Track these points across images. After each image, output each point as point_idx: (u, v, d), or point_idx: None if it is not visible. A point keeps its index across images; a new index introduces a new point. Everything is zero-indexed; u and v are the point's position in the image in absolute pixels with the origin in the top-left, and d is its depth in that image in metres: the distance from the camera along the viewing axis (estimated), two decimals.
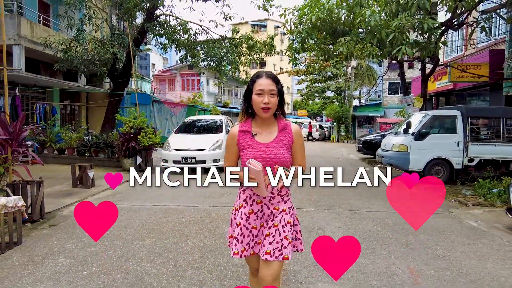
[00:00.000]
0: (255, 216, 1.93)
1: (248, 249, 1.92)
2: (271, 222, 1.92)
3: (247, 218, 1.93)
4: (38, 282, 2.99)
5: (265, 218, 1.94)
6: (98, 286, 2.93)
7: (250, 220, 1.93)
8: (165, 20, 12.38)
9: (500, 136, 8.62)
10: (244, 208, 1.95)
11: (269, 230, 1.90)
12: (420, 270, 3.37)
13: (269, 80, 1.86)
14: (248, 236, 1.92)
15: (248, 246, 1.92)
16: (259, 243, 1.93)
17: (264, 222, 1.94)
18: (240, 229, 1.93)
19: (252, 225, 1.93)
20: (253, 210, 1.93)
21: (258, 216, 1.94)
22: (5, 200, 3.72)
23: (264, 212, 1.94)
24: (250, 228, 1.93)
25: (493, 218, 5.48)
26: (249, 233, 1.93)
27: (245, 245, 1.92)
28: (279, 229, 1.89)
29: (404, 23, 6.38)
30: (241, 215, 1.94)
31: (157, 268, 3.27)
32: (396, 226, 4.80)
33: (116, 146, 9.69)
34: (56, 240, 4.05)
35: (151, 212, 5.25)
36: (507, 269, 3.47)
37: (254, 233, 1.93)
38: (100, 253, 3.65)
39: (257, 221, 1.94)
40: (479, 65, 12.09)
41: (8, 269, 3.26)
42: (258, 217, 1.94)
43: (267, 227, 1.92)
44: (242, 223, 1.93)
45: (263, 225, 1.94)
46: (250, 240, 1.93)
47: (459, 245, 4.13)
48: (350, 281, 3.10)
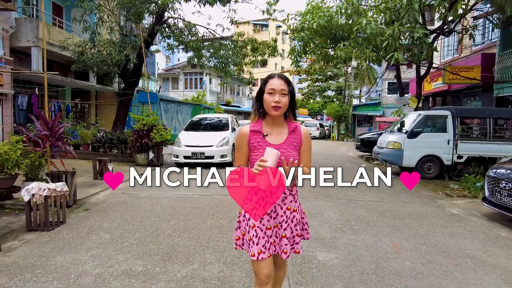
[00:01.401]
0: (268, 217, 1.94)
1: (265, 251, 1.91)
2: (286, 224, 1.96)
3: (261, 219, 1.93)
4: (89, 250, 3.69)
5: (278, 219, 1.96)
6: (138, 253, 3.63)
7: (264, 221, 1.94)
8: (174, 23, 13.04)
9: (487, 134, 9.30)
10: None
11: (284, 231, 1.95)
12: (401, 245, 4.06)
13: (281, 81, 1.89)
14: (263, 238, 1.92)
15: (264, 248, 1.91)
16: (273, 243, 1.95)
17: (278, 224, 1.96)
18: (255, 231, 1.93)
19: (266, 226, 1.94)
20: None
21: (272, 216, 1.95)
22: (54, 186, 4.42)
23: (277, 212, 1.95)
24: (265, 229, 1.93)
25: (472, 207, 6.17)
26: (263, 235, 1.93)
27: (261, 247, 1.91)
28: (291, 228, 1.98)
29: (396, 32, 7.05)
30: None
31: (184, 241, 3.97)
32: (385, 213, 5.49)
33: (130, 142, 10.39)
34: (93, 221, 4.74)
35: (170, 200, 5.95)
36: (474, 244, 4.16)
37: (268, 233, 1.94)
38: (133, 231, 4.34)
39: (271, 221, 1.95)
40: (472, 68, 12.73)
41: (62, 241, 3.95)
42: (272, 217, 1.95)
43: (282, 229, 1.96)
44: (256, 224, 1.93)
45: (277, 226, 1.96)
46: (266, 242, 1.93)
47: (438, 227, 4.82)
48: (343, 251, 3.79)
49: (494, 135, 9.37)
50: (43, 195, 4.27)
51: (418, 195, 7.06)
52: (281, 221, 1.95)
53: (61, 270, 3.18)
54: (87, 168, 8.39)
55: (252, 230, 1.93)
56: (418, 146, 9.40)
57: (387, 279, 3.14)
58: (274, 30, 42.86)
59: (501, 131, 9.85)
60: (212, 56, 13.32)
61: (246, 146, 1.94)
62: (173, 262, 3.40)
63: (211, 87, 33.91)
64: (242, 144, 1.95)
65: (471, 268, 3.45)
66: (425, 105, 17.80)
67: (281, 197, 1.93)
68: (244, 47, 13.62)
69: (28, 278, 3.01)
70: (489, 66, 12.25)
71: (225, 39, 13.89)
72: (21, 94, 12.13)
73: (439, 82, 14.94)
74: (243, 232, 2.01)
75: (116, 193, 6.33)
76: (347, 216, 5.22)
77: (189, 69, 34.27)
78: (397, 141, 9.70)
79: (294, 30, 10.88)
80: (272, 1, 12.49)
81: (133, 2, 10.86)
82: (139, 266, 3.28)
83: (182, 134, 10.71)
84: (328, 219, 5.02)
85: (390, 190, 7.10)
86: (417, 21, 7.01)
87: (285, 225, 1.95)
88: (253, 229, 1.93)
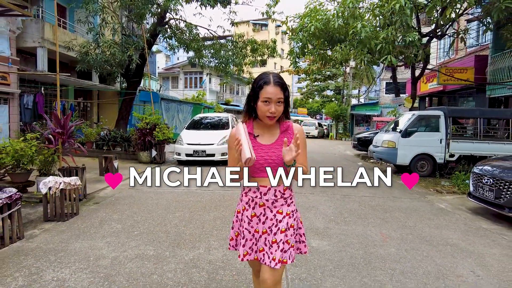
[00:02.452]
0: (257, 219, 1.90)
1: (251, 253, 1.91)
2: (275, 228, 1.88)
3: (249, 221, 1.91)
4: (104, 237, 4.04)
5: (268, 223, 1.89)
6: (148, 240, 3.98)
7: (252, 224, 1.91)
8: (176, 25, 13.38)
9: (478, 134, 9.68)
10: (246, 211, 1.93)
11: (274, 236, 1.87)
12: (389, 234, 4.42)
13: (277, 89, 1.80)
14: (251, 240, 1.91)
15: (251, 250, 1.91)
16: (261, 251, 1.88)
17: (267, 229, 1.89)
18: (242, 233, 1.93)
19: (254, 228, 1.91)
20: (255, 213, 1.91)
21: (260, 219, 1.90)
22: (69, 180, 4.77)
23: (267, 215, 1.90)
24: (253, 231, 1.91)
25: (460, 202, 6.54)
26: (251, 237, 1.91)
27: (247, 249, 1.91)
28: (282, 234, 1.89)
29: (390, 35, 7.41)
30: (244, 218, 1.94)
31: (190, 230, 4.33)
32: (377, 207, 5.85)
33: (134, 141, 10.74)
34: (104, 213, 5.10)
35: (174, 194, 6.30)
36: (455, 234, 4.53)
37: (256, 236, 1.91)
38: (142, 221, 4.70)
39: (260, 225, 1.90)
40: (465, 69, 13.11)
41: (78, 230, 4.31)
42: (261, 220, 1.90)
43: (271, 234, 1.88)
44: (244, 226, 1.92)
45: (266, 231, 1.88)
46: (253, 244, 1.91)
47: (425, 220, 5.19)
48: (335, 240, 4.15)
49: (484, 134, 9.75)
50: (59, 188, 4.62)
51: (409, 192, 7.42)
52: (271, 225, 1.88)
53: (80, 254, 3.53)
54: (92, 165, 8.74)
55: (240, 231, 1.95)
56: (411, 145, 9.76)
57: (373, 262, 3.50)
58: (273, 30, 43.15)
59: (492, 131, 10.23)
60: (213, 56, 13.68)
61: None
62: (181, 247, 3.76)
63: (210, 86, 34.23)
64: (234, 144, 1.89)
65: (449, 254, 3.81)
66: (422, 105, 18.22)
67: (271, 200, 1.88)
68: (244, 48, 13.98)
69: (52, 260, 3.36)
70: (482, 68, 12.63)
71: (225, 38, 14.23)
72: (26, 93, 12.45)
73: (435, 82, 15.32)
74: (236, 232, 2.00)
75: (123, 188, 6.68)
76: (341, 210, 5.59)
77: (188, 68, 34.56)
78: (391, 140, 10.07)
79: (293, 31, 11.25)
80: (272, 3, 12.87)
81: (135, 3, 11.20)
82: (150, 251, 3.64)
83: (184, 132, 11.06)
84: (323, 212, 5.39)
85: (384, 187, 7.47)
86: (409, 26, 7.37)
87: (275, 229, 1.87)
88: (241, 231, 1.94)
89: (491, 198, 5.21)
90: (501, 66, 11.36)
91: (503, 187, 5.03)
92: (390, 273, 3.28)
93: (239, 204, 1.99)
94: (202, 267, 3.28)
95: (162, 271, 3.19)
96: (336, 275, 3.21)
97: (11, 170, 5.46)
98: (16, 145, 5.32)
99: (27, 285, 2.87)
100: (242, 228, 1.93)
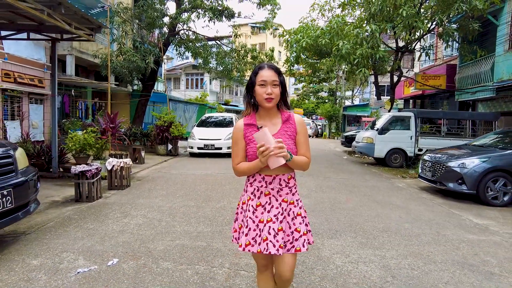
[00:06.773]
0: (262, 209, 1.91)
1: (254, 244, 1.89)
2: (281, 216, 1.90)
3: (254, 211, 1.91)
4: (157, 197, 5.94)
5: (273, 211, 1.90)
6: (188, 198, 5.87)
7: (257, 213, 1.91)
8: (186, 35, 15.27)
9: (441, 132, 11.66)
10: (251, 200, 1.94)
11: (280, 224, 1.88)
12: (352, 198, 6.34)
13: (272, 72, 1.86)
14: (254, 230, 1.90)
15: (254, 242, 1.89)
16: (265, 240, 1.87)
17: (273, 217, 1.89)
18: (246, 222, 1.92)
19: (259, 218, 1.90)
20: (260, 202, 1.92)
21: (266, 208, 1.91)
22: (125, 160, 6.66)
23: (272, 204, 1.91)
24: (257, 221, 1.90)
25: (415, 183, 8.49)
26: (255, 227, 1.90)
27: (250, 239, 1.89)
28: (289, 222, 1.91)
29: (364, 52, 9.36)
30: (249, 207, 1.93)
31: (214, 194, 6.25)
32: (349, 185, 7.78)
33: (153, 136, 12.62)
34: (148, 185, 6.99)
35: (195, 176, 8.21)
36: (399, 199, 6.47)
37: (260, 227, 1.89)
38: (179, 189, 6.60)
39: (265, 214, 1.90)
40: (439, 76, 15.11)
41: (136, 194, 6.20)
42: (266, 209, 1.91)
43: (277, 222, 1.89)
44: (249, 215, 1.92)
45: (271, 220, 1.89)
46: (257, 235, 1.89)
47: (381, 192, 7.12)
48: (313, 200, 6.05)
49: (447, 132, 11.73)
50: (120, 166, 6.50)
51: (379, 177, 9.36)
52: (276, 214, 1.90)
53: (146, 205, 5.42)
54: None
55: (244, 220, 1.94)
56: (386, 140, 11.70)
57: (336, 210, 5.42)
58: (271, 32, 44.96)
59: (452, 129, 12.23)
60: (218, 62, 15.57)
61: (242, 140, 1.95)
62: (211, 201, 5.68)
63: (211, 87, 36.07)
64: (238, 138, 1.96)
65: (388, 208, 5.74)
66: (406, 106, 20.28)
67: (276, 189, 1.91)
68: (245, 56, 15.88)
69: (130, 208, 5.25)
70: (452, 75, 14.64)
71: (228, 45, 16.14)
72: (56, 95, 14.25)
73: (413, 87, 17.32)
74: (240, 225, 2.00)
75: (153, 171, 8.56)
76: (321, 185, 7.52)
77: (190, 69, 36.28)
78: (370, 136, 12.02)
79: (289, 43, 13.20)
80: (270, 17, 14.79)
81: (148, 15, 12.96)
82: (192, 203, 5.55)
83: (196, 129, 12.97)
84: (307, 186, 7.32)
85: (360, 172, 9.41)
86: (379, 45, 9.33)
87: (281, 217, 1.90)
88: (245, 220, 1.93)
89: (429, 177, 7.16)
90: (465, 75, 13.37)
91: (438, 168, 6.97)
92: (345, 214, 5.21)
93: (244, 195, 2.00)
94: (227, 210, 5.19)
95: (203, 212, 5.09)
96: (309, 215, 5.12)
97: (76, 154, 7.34)
98: (81, 136, 7.19)
99: (124, 217, 4.76)
100: (246, 218, 1.93)
